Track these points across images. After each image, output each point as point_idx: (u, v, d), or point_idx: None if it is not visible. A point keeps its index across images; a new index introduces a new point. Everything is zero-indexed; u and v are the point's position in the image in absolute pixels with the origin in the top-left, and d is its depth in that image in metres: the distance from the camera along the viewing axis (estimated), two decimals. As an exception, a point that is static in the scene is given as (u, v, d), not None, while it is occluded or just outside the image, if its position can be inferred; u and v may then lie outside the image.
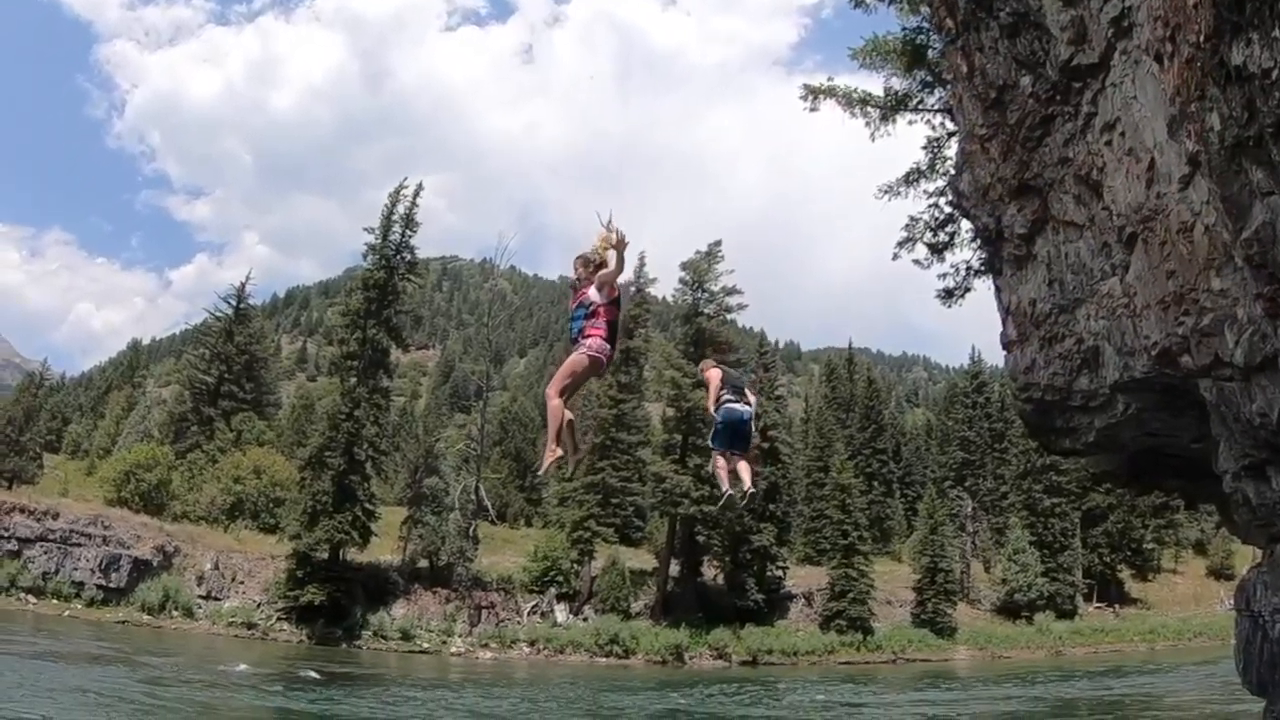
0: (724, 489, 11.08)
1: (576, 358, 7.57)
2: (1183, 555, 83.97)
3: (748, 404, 11.10)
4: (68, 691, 22.15)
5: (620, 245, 7.68)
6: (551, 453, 7.59)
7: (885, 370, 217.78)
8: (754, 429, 11.62)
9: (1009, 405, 77.68)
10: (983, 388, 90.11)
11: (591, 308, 7.66)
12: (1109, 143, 8.51)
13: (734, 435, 11.12)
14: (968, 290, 21.05)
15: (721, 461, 11.17)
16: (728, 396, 11.03)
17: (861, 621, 57.50)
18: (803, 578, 62.04)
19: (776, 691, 37.78)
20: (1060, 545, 69.04)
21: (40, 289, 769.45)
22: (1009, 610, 66.43)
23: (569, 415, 7.62)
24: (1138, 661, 53.95)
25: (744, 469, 11.10)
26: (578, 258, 8.03)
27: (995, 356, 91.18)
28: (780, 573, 60.54)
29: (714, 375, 11.20)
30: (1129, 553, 75.84)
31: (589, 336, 7.57)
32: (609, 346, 7.63)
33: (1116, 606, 71.29)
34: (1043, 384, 10.25)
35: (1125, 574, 75.75)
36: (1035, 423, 11.45)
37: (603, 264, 7.83)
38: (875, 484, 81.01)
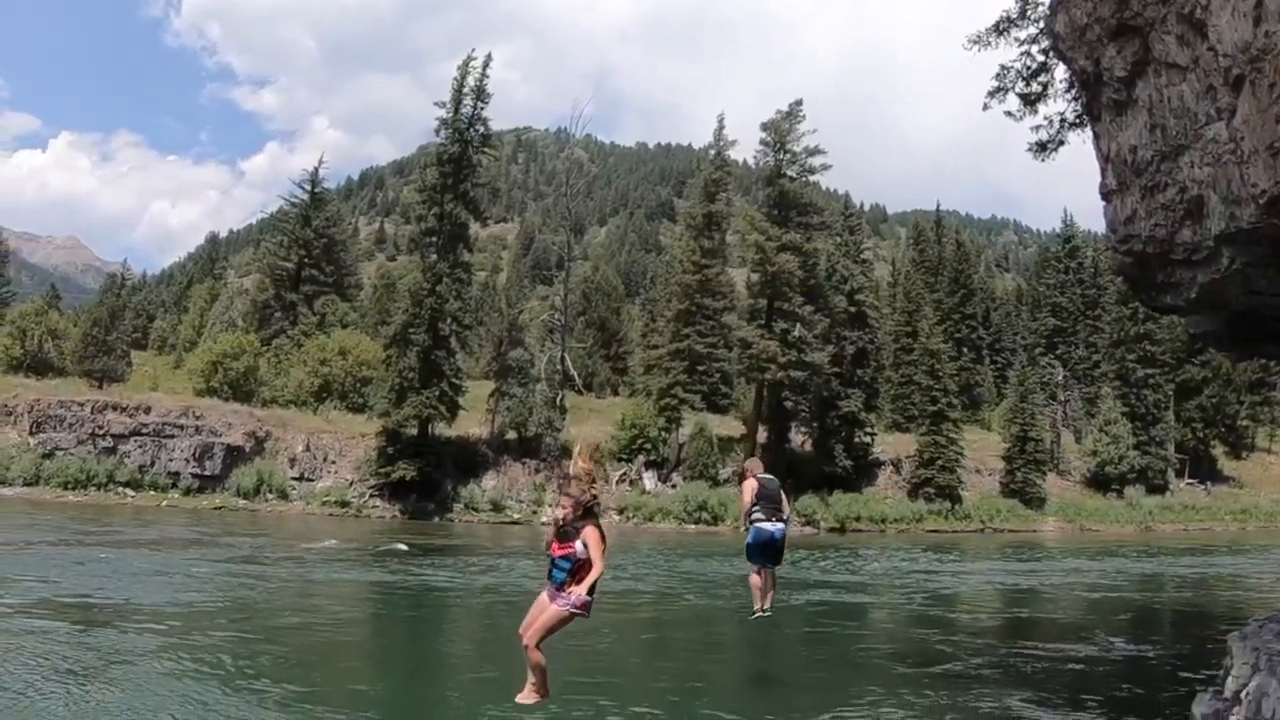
0: (756, 606, 12.55)
1: (559, 611, 8.01)
2: (1278, 434, 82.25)
3: (780, 520, 12.15)
4: (153, 574, 22.80)
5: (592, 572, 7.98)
6: (540, 700, 8.28)
7: (974, 234, 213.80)
8: (785, 543, 12.67)
9: (1102, 271, 75.74)
10: (1075, 252, 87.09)
11: (577, 563, 7.97)
12: (1215, -24, 7.71)
13: (765, 551, 12.28)
14: (1061, 144, 19.98)
15: (756, 579, 12.50)
16: (758, 515, 12.08)
17: (950, 490, 57.44)
18: (891, 445, 61.87)
19: (861, 558, 37.86)
20: (1153, 418, 67.72)
21: (114, 192, 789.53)
22: (1099, 483, 65.76)
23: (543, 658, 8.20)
24: (1227, 541, 53.30)
25: (769, 592, 12.43)
26: (566, 494, 8.35)
27: (1088, 220, 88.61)
28: (868, 439, 60.25)
29: (749, 486, 12.28)
30: (1223, 429, 74.40)
31: (573, 592, 7.94)
32: (591, 600, 8.04)
33: (1208, 484, 70.23)
34: (1144, 236, 9.57)
35: (1218, 450, 74.29)
36: (1135, 277, 10.78)
37: (593, 503, 8.22)
38: (964, 350, 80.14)
